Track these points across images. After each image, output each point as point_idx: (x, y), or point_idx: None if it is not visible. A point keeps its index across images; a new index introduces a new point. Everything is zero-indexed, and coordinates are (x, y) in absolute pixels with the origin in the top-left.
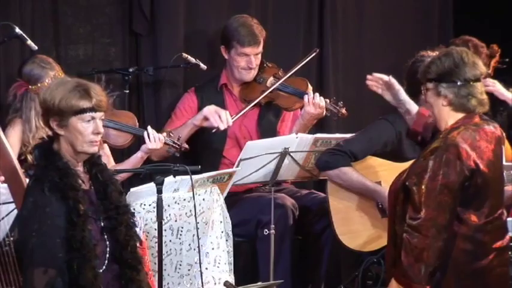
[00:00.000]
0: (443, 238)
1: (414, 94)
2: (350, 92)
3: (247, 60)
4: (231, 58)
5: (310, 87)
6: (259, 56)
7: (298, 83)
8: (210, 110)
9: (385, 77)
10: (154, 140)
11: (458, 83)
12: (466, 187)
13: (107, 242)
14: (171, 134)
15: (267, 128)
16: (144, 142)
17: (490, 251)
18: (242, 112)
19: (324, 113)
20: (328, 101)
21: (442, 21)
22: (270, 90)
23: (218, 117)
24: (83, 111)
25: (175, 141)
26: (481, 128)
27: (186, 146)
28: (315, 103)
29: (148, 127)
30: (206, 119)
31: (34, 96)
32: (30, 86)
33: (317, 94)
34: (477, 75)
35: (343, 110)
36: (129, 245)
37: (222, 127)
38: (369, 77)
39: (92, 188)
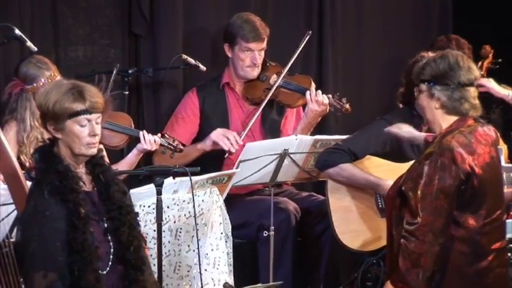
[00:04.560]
0: (439, 243)
1: (413, 94)
2: (350, 92)
3: (252, 56)
4: (235, 55)
5: (313, 85)
6: (263, 53)
7: (301, 80)
8: (217, 134)
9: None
10: (150, 142)
11: (452, 86)
12: (463, 191)
13: (111, 243)
14: (166, 135)
15: (270, 127)
16: (140, 142)
17: (488, 253)
18: (251, 122)
19: (328, 110)
20: (331, 96)
21: (442, 21)
22: (274, 86)
23: (227, 139)
24: (77, 114)
25: (171, 143)
26: (475, 130)
27: (182, 147)
28: (318, 100)
29: (144, 131)
30: (216, 143)
31: (30, 96)
32: (25, 86)
33: (319, 91)
34: (471, 80)
35: (347, 106)
36: (132, 246)
37: (233, 149)
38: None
39: (94, 189)
